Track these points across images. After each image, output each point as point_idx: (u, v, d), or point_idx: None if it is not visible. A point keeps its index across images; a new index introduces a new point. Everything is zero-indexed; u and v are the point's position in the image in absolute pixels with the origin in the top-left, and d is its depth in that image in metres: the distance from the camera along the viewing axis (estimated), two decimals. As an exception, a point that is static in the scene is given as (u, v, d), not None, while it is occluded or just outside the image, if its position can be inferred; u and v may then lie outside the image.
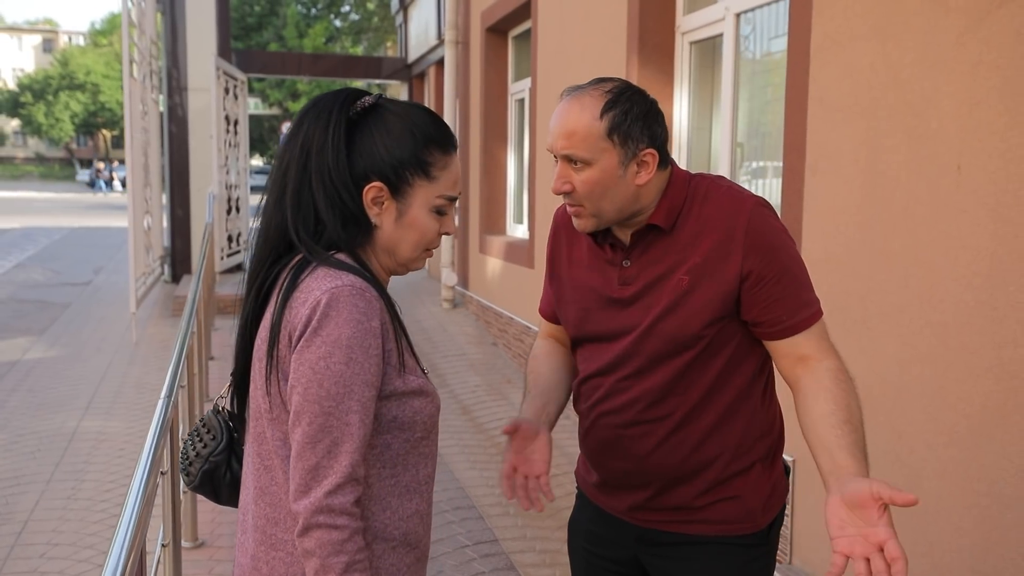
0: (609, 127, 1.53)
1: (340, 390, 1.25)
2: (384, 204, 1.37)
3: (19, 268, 12.82)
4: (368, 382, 1.28)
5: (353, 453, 1.26)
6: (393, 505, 1.36)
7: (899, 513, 2.68)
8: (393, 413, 1.34)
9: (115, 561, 1.55)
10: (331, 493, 1.25)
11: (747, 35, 3.98)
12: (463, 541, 3.84)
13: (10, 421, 5.59)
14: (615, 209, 1.58)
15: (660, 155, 1.58)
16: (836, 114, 2.96)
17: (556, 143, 1.57)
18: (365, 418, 1.28)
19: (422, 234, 1.40)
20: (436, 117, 1.42)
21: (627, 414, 1.63)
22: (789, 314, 1.56)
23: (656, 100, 1.62)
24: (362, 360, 1.27)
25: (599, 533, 1.77)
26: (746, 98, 3.99)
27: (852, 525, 1.34)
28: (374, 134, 1.35)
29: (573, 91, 1.59)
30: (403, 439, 1.36)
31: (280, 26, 37.16)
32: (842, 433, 1.45)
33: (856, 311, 2.87)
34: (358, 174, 1.35)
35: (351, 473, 1.26)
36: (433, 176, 1.38)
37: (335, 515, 1.25)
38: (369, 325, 1.28)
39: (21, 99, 53.36)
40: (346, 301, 1.27)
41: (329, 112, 1.34)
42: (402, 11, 11.83)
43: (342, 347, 1.26)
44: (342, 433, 1.26)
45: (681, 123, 4.47)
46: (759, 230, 1.55)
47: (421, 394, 1.36)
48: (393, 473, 1.36)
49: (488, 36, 7.56)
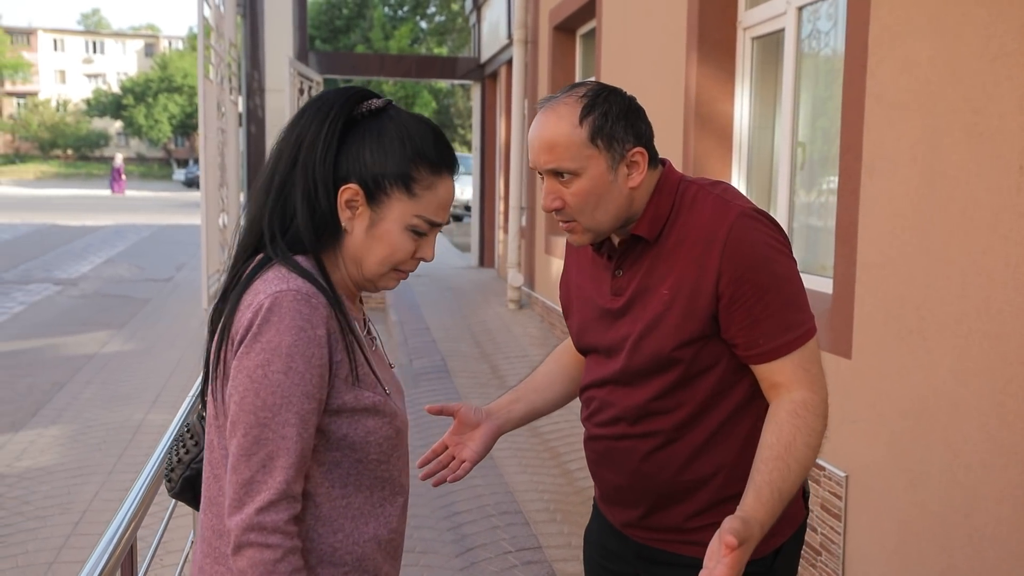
0: (591, 132, 1.45)
1: (277, 401, 1.19)
2: (358, 209, 1.31)
3: (107, 264, 13.33)
4: (308, 394, 1.21)
5: (288, 469, 1.20)
6: (346, 528, 1.30)
7: (955, 539, 2.52)
8: (343, 431, 1.27)
9: (101, 550, 1.54)
10: (263, 510, 1.18)
11: (809, 29, 3.81)
12: (506, 547, 3.78)
13: (81, 413, 5.78)
14: (610, 218, 1.49)
15: (649, 153, 1.49)
16: (893, 111, 2.80)
17: (539, 159, 1.48)
18: (303, 432, 1.21)
19: (392, 251, 1.32)
20: (439, 136, 1.35)
21: (616, 428, 1.55)
22: (767, 338, 1.44)
23: (634, 97, 1.53)
24: (303, 370, 1.20)
25: (607, 546, 1.71)
26: (808, 96, 3.82)
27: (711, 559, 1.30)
28: (366, 137, 1.30)
29: (546, 102, 1.50)
30: (354, 459, 1.29)
31: (367, 28, 37.83)
32: (766, 469, 1.39)
33: (911, 320, 2.70)
34: (340, 175, 1.30)
35: (285, 490, 1.20)
36: (415, 193, 1.31)
37: (267, 533, 1.19)
38: (313, 333, 1.21)
39: (123, 102, 55.71)
40: (288, 307, 1.21)
41: (330, 108, 1.30)
42: (475, 11, 11.84)
43: (281, 355, 1.20)
44: (277, 447, 1.19)
45: (741, 122, 4.32)
46: (739, 243, 1.43)
47: (376, 414, 1.29)
48: (345, 494, 1.30)
49: (556, 35, 7.49)
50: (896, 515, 2.79)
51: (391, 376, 1.41)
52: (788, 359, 1.44)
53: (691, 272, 1.45)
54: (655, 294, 1.49)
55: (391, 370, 1.45)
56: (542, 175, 1.51)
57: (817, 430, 1.42)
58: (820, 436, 1.43)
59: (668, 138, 4.72)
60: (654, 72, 4.99)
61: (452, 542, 3.80)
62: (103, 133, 61.51)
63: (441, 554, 3.70)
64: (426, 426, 5.41)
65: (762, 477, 1.38)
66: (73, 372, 6.82)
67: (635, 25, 5.36)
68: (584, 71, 7.40)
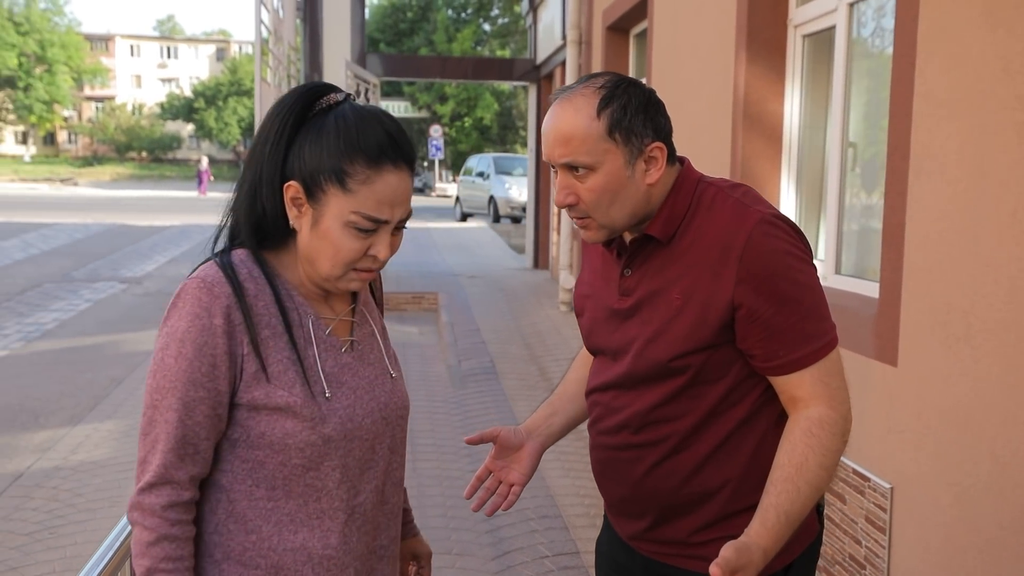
0: (609, 125, 1.39)
1: (165, 384, 1.22)
2: (303, 207, 1.28)
3: (171, 263, 13.66)
4: (195, 381, 1.22)
5: (167, 453, 1.21)
6: (264, 531, 1.27)
7: (1002, 559, 2.40)
8: (261, 428, 1.26)
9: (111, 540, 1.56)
10: (143, 491, 1.22)
11: (860, 26, 3.70)
12: (543, 551, 3.75)
13: (136, 408, 5.90)
14: (626, 215, 1.44)
15: (668, 149, 1.44)
16: (941, 109, 2.69)
17: (553, 152, 1.42)
18: (186, 419, 1.22)
19: (336, 250, 1.27)
20: (386, 130, 1.28)
21: (619, 436, 1.50)
22: (787, 349, 1.38)
23: (654, 90, 1.47)
24: (191, 356, 1.22)
25: (615, 558, 1.67)
26: (860, 95, 3.70)
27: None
28: (309, 133, 1.27)
29: (562, 92, 1.45)
30: (278, 461, 1.27)
31: (430, 31, 38.15)
32: (775, 491, 1.35)
33: (958, 327, 2.59)
34: (287, 172, 1.28)
35: (163, 474, 1.21)
36: (349, 188, 1.25)
37: (145, 514, 1.21)
38: (209, 321, 1.22)
39: (195, 105, 57.21)
40: (191, 294, 1.23)
41: (285, 105, 1.29)
42: (531, 12, 11.83)
43: (176, 340, 1.22)
44: (161, 430, 1.22)
45: (792, 122, 4.21)
46: (758, 252, 1.36)
47: (294, 416, 1.26)
48: (271, 496, 1.28)
49: (609, 35, 7.43)
50: (942, 530, 2.68)
51: (361, 382, 1.35)
52: (807, 372, 1.38)
53: (705, 278, 1.39)
54: (665, 298, 1.43)
55: (378, 378, 1.38)
56: (555, 169, 1.46)
57: (832, 449, 1.36)
58: (836, 455, 1.37)
59: (715, 139, 4.63)
60: (703, 72, 4.90)
61: (489, 545, 3.78)
62: (176, 136, 63.25)
63: (477, 556, 3.68)
64: (471, 426, 5.41)
65: (769, 500, 1.34)
66: (131, 368, 6.99)
67: (685, 24, 5.28)
68: (637, 71, 7.32)
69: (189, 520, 1.24)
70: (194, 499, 1.25)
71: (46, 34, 59.69)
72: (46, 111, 60.04)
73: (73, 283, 11.46)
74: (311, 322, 1.31)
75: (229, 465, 1.27)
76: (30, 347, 7.76)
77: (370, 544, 1.35)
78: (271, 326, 1.27)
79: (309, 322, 1.30)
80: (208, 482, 1.28)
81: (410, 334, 8.24)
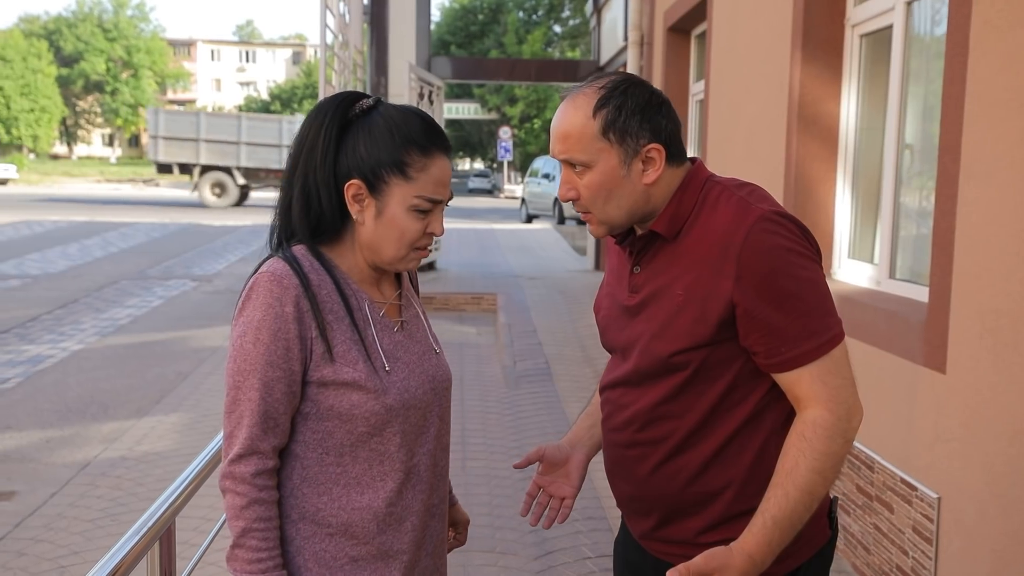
0: (603, 125, 1.42)
1: (246, 367, 1.36)
2: (364, 201, 1.43)
3: (241, 262, 14.01)
4: (272, 363, 1.36)
5: (253, 427, 1.36)
6: (334, 493, 1.42)
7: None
8: (330, 402, 1.40)
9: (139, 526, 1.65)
10: (233, 461, 1.36)
11: (918, 25, 3.61)
12: (586, 552, 3.75)
13: (200, 402, 6.10)
14: (624, 213, 1.46)
15: (668, 150, 1.44)
16: (993, 110, 2.61)
17: (554, 148, 1.47)
18: (267, 396, 1.36)
19: (402, 232, 1.42)
20: (425, 121, 1.45)
21: (625, 434, 1.51)
22: (788, 346, 1.37)
23: (660, 92, 1.48)
24: (268, 341, 1.36)
25: (628, 558, 1.68)
26: (918, 95, 3.61)
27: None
28: (359, 135, 1.42)
29: (572, 90, 1.49)
30: (346, 430, 1.41)
31: (500, 33, 38.34)
32: (766, 496, 1.37)
33: (1007, 334, 2.52)
34: (343, 172, 1.43)
35: (250, 446, 1.36)
36: (410, 176, 1.41)
37: (236, 482, 1.36)
38: (281, 310, 1.36)
39: (271, 108, 58.57)
40: (263, 287, 1.37)
41: (325, 114, 1.43)
42: (596, 14, 11.81)
43: (252, 328, 1.36)
44: (245, 408, 1.36)
45: (848, 124, 4.13)
46: (756, 249, 1.36)
47: (359, 389, 1.39)
48: (339, 462, 1.42)
49: (670, 36, 7.38)
50: (990, 543, 2.60)
51: (412, 357, 1.49)
52: (806, 370, 1.37)
53: (706, 275, 1.40)
54: (669, 294, 1.44)
55: (426, 354, 1.52)
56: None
57: (826, 452, 1.35)
58: (832, 458, 1.35)
59: (769, 140, 4.57)
60: (759, 72, 4.83)
61: (533, 544, 3.80)
62: (252, 138, 64.79)
63: (521, 556, 3.70)
64: (523, 427, 5.44)
65: (761, 505, 1.36)
66: (198, 363, 7.21)
67: (743, 24, 5.21)
68: (698, 72, 7.25)
69: (273, 486, 1.40)
70: (277, 467, 1.40)
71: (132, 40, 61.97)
72: (131, 114, 62.25)
73: (147, 280, 11.85)
74: (367, 305, 1.46)
75: (302, 436, 1.42)
76: (104, 341, 8.06)
77: (426, 502, 1.49)
78: (334, 311, 1.41)
79: (366, 306, 1.45)
80: (283, 452, 1.43)
81: (468, 334, 8.30)
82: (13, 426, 5.55)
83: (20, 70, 54.21)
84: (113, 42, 61.06)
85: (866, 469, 3.34)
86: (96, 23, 61.28)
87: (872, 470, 3.29)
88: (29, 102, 54.49)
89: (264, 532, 1.36)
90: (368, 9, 10.41)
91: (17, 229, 18.52)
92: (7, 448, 5.15)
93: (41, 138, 56.43)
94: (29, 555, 3.80)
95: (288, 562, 1.41)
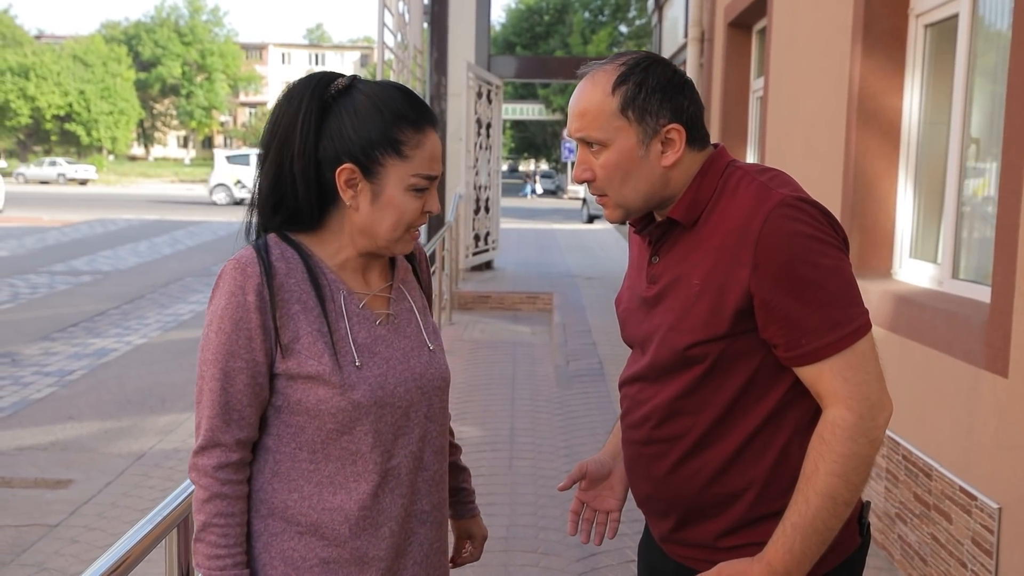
0: (622, 102, 1.35)
1: (209, 357, 1.33)
2: (359, 186, 1.35)
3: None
4: (233, 352, 1.32)
5: (213, 419, 1.32)
6: (305, 491, 1.36)
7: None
8: (297, 396, 1.35)
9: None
10: (196, 453, 1.34)
11: (986, 14, 3.44)
12: (629, 555, 3.67)
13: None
14: (641, 196, 1.39)
15: (689, 132, 1.37)
16: (1060, 99, 2.47)
17: (571, 126, 1.41)
18: (228, 386, 1.32)
19: (400, 214, 1.36)
20: (409, 94, 1.37)
21: (642, 430, 1.45)
22: (809, 338, 1.28)
23: (683, 71, 1.41)
24: (229, 331, 1.31)
25: (650, 561, 1.62)
26: (985, 88, 3.45)
27: None
28: (343, 115, 1.34)
29: (590, 67, 1.42)
30: (315, 426, 1.35)
31: (566, 34, 38.28)
32: (790, 503, 1.31)
33: (1072, 337, 2.37)
34: (330, 157, 1.35)
35: (212, 438, 1.32)
36: (405, 155, 1.34)
37: (199, 474, 1.33)
38: (244, 299, 1.32)
39: (337, 109, 59.42)
40: (228, 275, 1.33)
41: (300, 98, 1.35)
42: (657, 11, 11.67)
43: (216, 317, 1.33)
44: (207, 398, 1.33)
45: (911, 117, 3.97)
46: (775, 236, 1.27)
47: (324, 383, 1.33)
48: (312, 459, 1.36)
49: (731, 31, 7.23)
50: (1052, 558, 2.46)
51: (395, 353, 1.41)
52: (827, 364, 1.28)
53: (724, 263, 1.32)
54: (687, 283, 1.37)
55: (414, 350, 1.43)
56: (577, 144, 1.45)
57: (847, 454, 1.26)
58: (855, 460, 1.27)
59: (829, 135, 4.42)
60: (819, 66, 4.69)
61: (575, 546, 3.73)
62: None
63: (563, 557, 3.64)
64: (572, 427, 5.37)
65: (785, 512, 1.30)
66: (255, 358, 7.31)
67: (803, 18, 5.07)
68: (758, 69, 7.09)
69: (240, 480, 1.35)
70: (244, 460, 1.35)
71: (207, 44, 63.54)
72: (205, 116, 63.89)
73: (211, 277, 12.10)
74: (343, 296, 1.38)
75: (275, 430, 1.37)
76: (166, 336, 8.25)
77: (408, 507, 1.41)
78: (302, 301, 1.35)
79: (341, 297, 1.38)
80: (257, 445, 1.38)
81: (522, 333, 8.26)
82: (75, 416, 5.70)
83: (100, 74, 56.08)
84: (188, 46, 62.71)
85: (924, 477, 3.19)
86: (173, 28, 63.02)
87: (930, 478, 3.14)
88: (108, 105, 56.32)
89: (224, 528, 1.31)
90: (428, 9, 10.45)
91: (92, 227, 19.14)
92: (68, 438, 5.29)
93: (119, 140, 58.28)
94: (82, 542, 3.88)
95: (254, 558, 1.36)
